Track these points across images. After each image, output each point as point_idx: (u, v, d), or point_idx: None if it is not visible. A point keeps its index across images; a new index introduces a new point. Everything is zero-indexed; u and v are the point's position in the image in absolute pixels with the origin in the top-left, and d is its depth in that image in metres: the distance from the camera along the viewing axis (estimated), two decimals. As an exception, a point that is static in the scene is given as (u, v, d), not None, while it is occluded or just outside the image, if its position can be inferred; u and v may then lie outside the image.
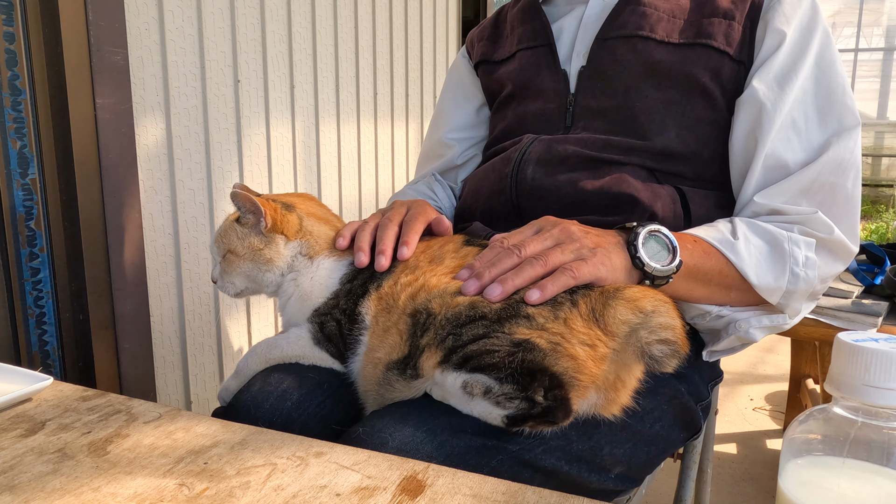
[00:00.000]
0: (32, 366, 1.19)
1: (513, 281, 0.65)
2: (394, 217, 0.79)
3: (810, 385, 2.06)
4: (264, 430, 0.55)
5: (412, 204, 0.83)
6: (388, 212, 0.81)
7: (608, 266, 0.68)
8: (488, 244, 0.73)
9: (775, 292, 0.78)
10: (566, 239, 0.69)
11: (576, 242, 0.69)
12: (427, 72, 2.21)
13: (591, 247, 0.69)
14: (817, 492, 0.39)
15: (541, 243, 0.69)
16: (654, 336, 0.61)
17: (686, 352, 0.62)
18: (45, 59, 1.13)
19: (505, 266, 0.67)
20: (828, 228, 0.79)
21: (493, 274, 0.66)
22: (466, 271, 0.68)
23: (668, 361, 0.62)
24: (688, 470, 1.11)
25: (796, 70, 0.82)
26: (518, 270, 0.66)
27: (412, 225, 0.77)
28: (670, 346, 0.61)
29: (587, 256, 0.67)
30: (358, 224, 0.81)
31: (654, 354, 0.61)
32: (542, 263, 0.66)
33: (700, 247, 0.76)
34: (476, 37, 1.11)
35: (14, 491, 0.46)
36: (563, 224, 0.72)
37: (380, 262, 0.74)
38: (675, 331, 0.62)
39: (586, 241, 0.69)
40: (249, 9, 1.49)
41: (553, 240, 0.70)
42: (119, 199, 1.22)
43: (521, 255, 0.68)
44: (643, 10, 0.90)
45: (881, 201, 7.60)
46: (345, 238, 0.79)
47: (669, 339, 0.61)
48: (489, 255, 0.69)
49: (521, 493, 0.46)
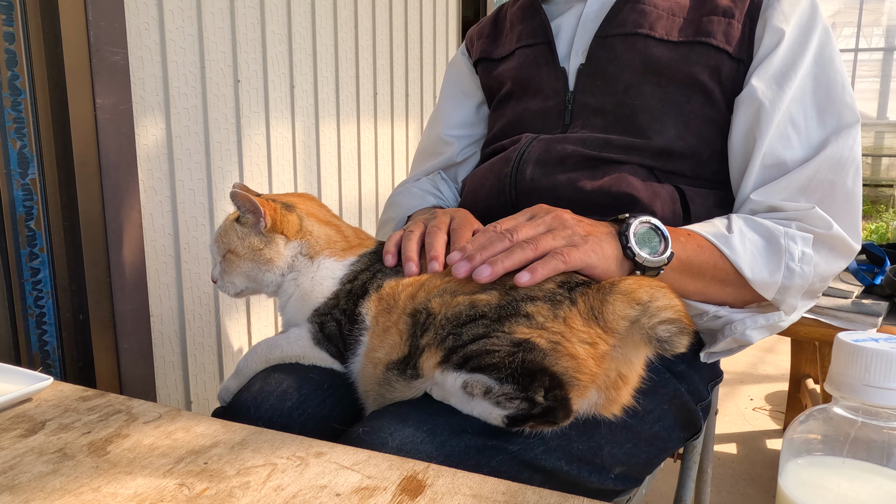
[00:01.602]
0: (32, 366, 1.19)
1: (503, 263, 0.65)
2: (441, 224, 0.79)
3: (810, 385, 2.06)
4: (264, 430, 0.55)
5: (455, 213, 0.83)
6: (431, 220, 0.81)
7: (599, 254, 0.68)
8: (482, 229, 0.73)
9: (770, 287, 0.78)
10: (558, 225, 0.70)
11: (568, 229, 0.69)
12: (427, 72, 2.21)
13: (583, 234, 0.69)
14: (817, 492, 0.39)
15: (533, 229, 0.69)
16: (655, 319, 0.60)
17: (693, 328, 0.61)
18: (45, 59, 1.13)
19: (496, 249, 0.67)
20: (826, 224, 0.79)
21: (483, 256, 0.66)
22: (458, 253, 0.68)
23: (678, 339, 0.60)
24: (688, 470, 1.11)
25: (795, 68, 0.82)
26: (508, 253, 0.66)
27: (462, 233, 0.77)
28: (675, 325, 0.60)
29: (578, 243, 0.67)
30: (400, 235, 0.80)
31: (661, 335, 0.59)
32: (533, 248, 0.66)
33: (694, 240, 0.76)
34: (475, 34, 1.11)
35: (14, 491, 0.46)
36: (556, 211, 0.72)
37: (432, 268, 0.73)
38: (675, 309, 0.60)
39: (578, 229, 0.69)
40: (249, 9, 1.49)
41: (545, 226, 0.70)
42: (119, 199, 1.22)
43: (513, 239, 0.68)
44: (642, 7, 0.90)
45: (881, 201, 7.60)
46: (392, 254, 0.77)
47: (672, 318, 0.60)
48: (481, 238, 0.69)
49: (521, 493, 0.46)
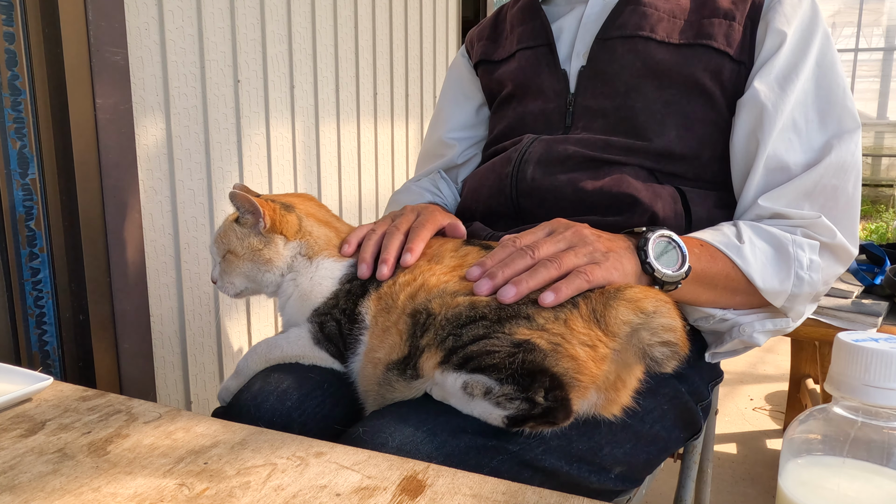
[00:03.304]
0: (32, 366, 1.18)
1: (527, 283, 0.64)
2: (401, 225, 0.79)
3: (810, 385, 2.06)
4: (264, 430, 0.55)
5: (422, 210, 0.82)
6: (397, 217, 0.81)
7: (620, 271, 0.68)
8: (497, 244, 0.72)
9: (780, 295, 0.78)
10: (579, 242, 0.69)
11: (589, 246, 0.69)
12: (427, 72, 2.21)
13: (604, 251, 0.69)
14: (817, 492, 0.39)
15: (554, 245, 0.69)
16: (655, 338, 0.61)
17: (686, 353, 0.63)
18: (45, 59, 1.13)
19: (518, 267, 0.66)
20: (831, 233, 0.79)
21: (506, 274, 0.66)
22: (478, 269, 0.67)
23: (668, 363, 0.62)
24: (688, 470, 1.11)
25: (797, 71, 0.82)
26: (532, 272, 0.65)
27: (419, 232, 0.77)
28: (671, 348, 0.62)
29: (600, 260, 0.67)
30: (366, 229, 0.81)
31: (655, 356, 0.62)
32: (557, 266, 0.66)
33: (707, 251, 0.76)
34: (476, 36, 1.11)
35: (14, 491, 0.46)
36: (576, 227, 0.72)
37: (381, 271, 0.74)
38: (676, 332, 0.62)
39: (599, 245, 0.69)
40: (249, 9, 1.49)
41: (566, 242, 0.70)
42: (119, 199, 1.22)
43: (535, 256, 0.67)
44: (643, 10, 0.90)
45: (881, 201, 7.60)
46: (350, 245, 0.79)
47: (671, 341, 0.62)
48: (501, 254, 0.69)
49: (521, 493, 0.46)
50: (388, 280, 0.73)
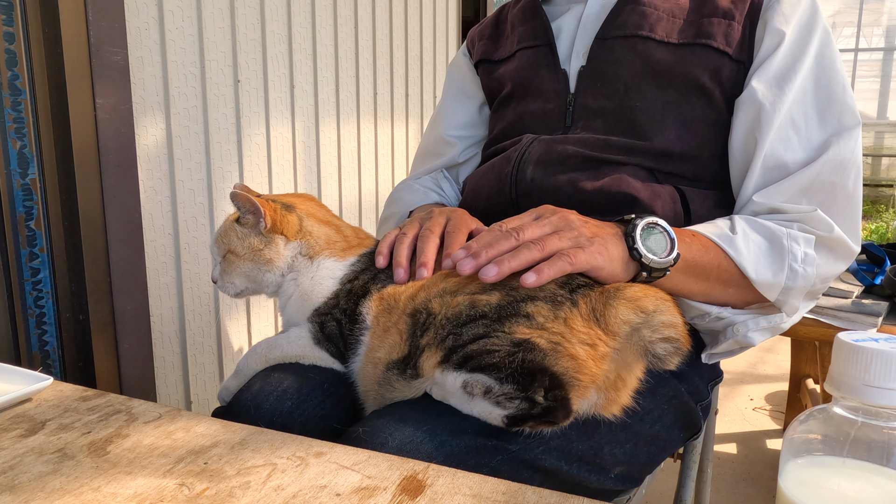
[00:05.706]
0: (32, 366, 1.19)
1: (509, 263, 0.64)
2: (434, 228, 0.78)
3: (810, 385, 2.06)
4: (264, 430, 0.55)
5: (451, 213, 0.81)
6: (426, 220, 0.80)
7: (605, 255, 0.68)
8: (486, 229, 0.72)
9: (773, 288, 0.78)
10: (564, 226, 0.69)
11: (574, 230, 0.69)
12: (427, 72, 2.21)
13: (589, 236, 0.69)
14: (817, 492, 0.39)
15: (539, 229, 0.69)
16: (657, 335, 0.62)
17: (688, 349, 0.63)
18: (45, 59, 1.13)
19: (502, 248, 0.67)
20: (827, 226, 0.79)
21: (490, 254, 0.66)
22: (463, 251, 0.68)
23: (671, 359, 0.62)
24: (688, 470, 1.11)
25: (795, 69, 0.82)
26: (515, 253, 0.65)
27: (455, 236, 0.76)
28: (673, 344, 0.62)
29: (585, 245, 0.67)
30: (394, 235, 0.79)
31: (658, 353, 0.62)
32: (540, 248, 0.66)
33: (698, 241, 0.76)
34: (476, 35, 1.11)
35: (14, 491, 0.46)
36: (562, 212, 0.72)
37: (420, 274, 0.73)
38: (677, 328, 0.62)
39: (584, 230, 0.69)
40: (249, 9, 1.49)
41: (551, 226, 0.70)
42: (119, 199, 1.22)
43: (519, 238, 0.67)
44: (642, 9, 0.90)
45: (881, 201, 7.60)
46: (384, 255, 0.78)
47: (672, 337, 0.62)
48: (487, 237, 0.69)
49: (521, 493, 0.46)
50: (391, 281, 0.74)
